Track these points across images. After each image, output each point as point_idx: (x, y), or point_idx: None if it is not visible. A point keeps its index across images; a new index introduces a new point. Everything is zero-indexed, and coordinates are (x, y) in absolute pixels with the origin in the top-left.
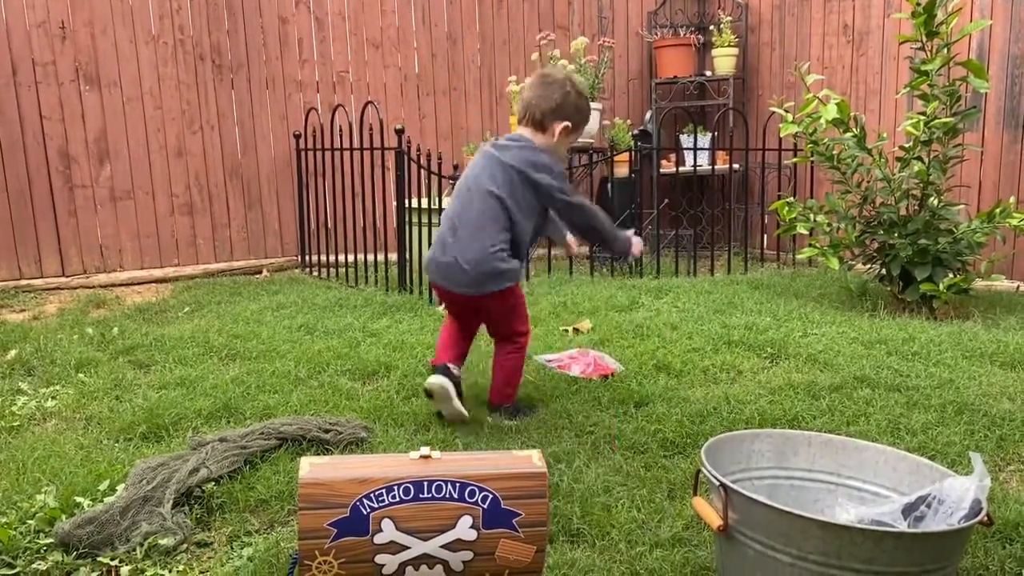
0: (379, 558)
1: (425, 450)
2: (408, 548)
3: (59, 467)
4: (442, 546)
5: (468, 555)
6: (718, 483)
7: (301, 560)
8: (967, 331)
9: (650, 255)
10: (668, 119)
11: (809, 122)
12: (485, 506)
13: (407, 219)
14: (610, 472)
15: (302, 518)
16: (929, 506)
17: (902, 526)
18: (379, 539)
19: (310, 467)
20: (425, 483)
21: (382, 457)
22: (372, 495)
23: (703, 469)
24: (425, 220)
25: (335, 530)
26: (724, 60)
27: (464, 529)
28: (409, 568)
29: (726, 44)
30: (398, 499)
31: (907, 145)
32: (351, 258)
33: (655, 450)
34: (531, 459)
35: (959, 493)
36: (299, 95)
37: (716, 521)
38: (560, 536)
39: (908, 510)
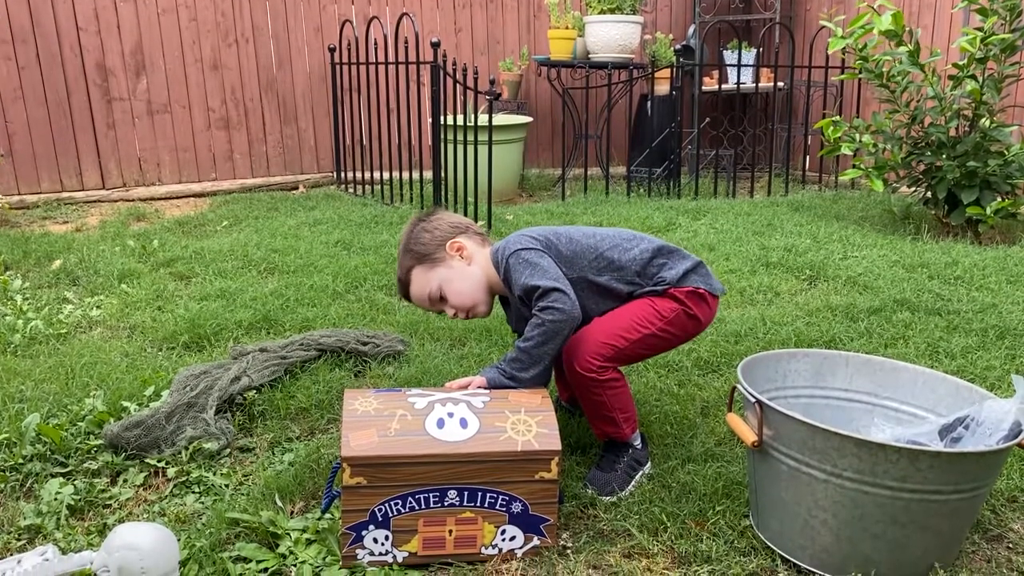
0: (411, 397)
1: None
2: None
3: (106, 373)
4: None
5: (486, 396)
6: (754, 400)
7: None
8: (1013, 256)
9: (689, 176)
10: (711, 34)
11: (860, 34)
12: None
13: (443, 136)
14: (643, 388)
15: None
16: (967, 427)
17: (938, 447)
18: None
19: None
20: None
21: None
22: None
23: (739, 386)
24: (461, 137)
25: None
26: None
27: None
28: (438, 405)
29: None
30: None
31: (961, 63)
32: (386, 175)
33: (689, 369)
34: None
35: (998, 415)
36: (334, 7)
37: (750, 437)
38: (593, 448)
39: (945, 431)
